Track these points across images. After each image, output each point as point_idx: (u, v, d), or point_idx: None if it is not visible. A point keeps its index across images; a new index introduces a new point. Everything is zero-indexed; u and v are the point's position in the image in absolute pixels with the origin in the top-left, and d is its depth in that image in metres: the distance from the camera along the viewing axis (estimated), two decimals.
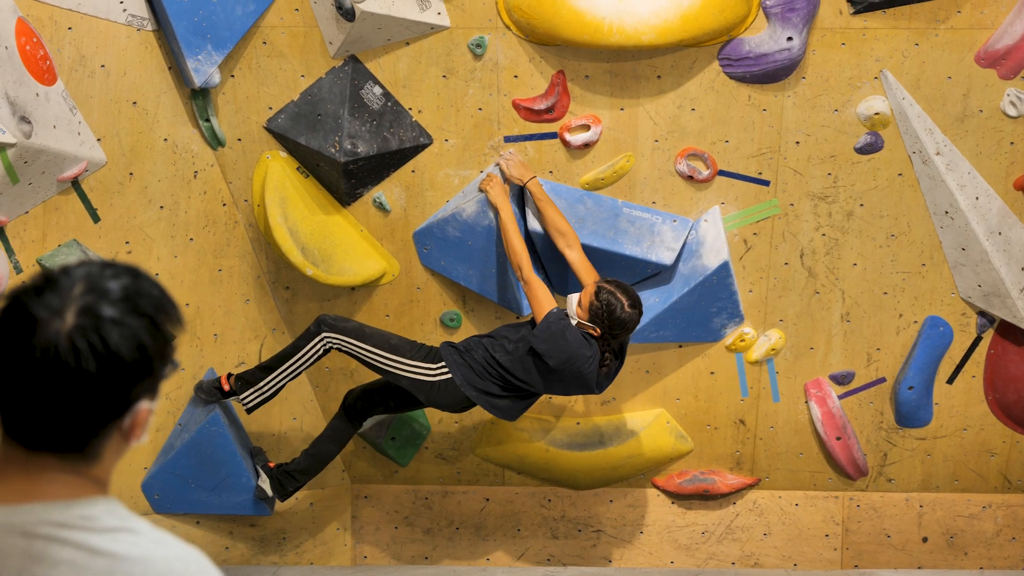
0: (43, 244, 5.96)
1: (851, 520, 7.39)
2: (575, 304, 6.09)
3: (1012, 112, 6.53)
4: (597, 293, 6.00)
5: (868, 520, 7.39)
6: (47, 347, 2.16)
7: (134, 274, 2.30)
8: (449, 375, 6.20)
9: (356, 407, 6.64)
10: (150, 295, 2.28)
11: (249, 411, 6.53)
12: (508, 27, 6.36)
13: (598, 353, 6.05)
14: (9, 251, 5.82)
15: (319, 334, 6.26)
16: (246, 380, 6.48)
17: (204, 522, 6.99)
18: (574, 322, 6.04)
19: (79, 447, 2.25)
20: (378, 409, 6.65)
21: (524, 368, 6.14)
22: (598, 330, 6.02)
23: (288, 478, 6.70)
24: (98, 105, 6.00)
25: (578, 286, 6.43)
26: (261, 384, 6.42)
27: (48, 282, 2.24)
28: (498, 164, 6.53)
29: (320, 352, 6.29)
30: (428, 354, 6.26)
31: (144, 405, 2.29)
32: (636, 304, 6.01)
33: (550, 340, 6.00)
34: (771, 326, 7.00)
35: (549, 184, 6.59)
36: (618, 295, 5.98)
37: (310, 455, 6.68)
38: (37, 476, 2.24)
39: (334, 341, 6.26)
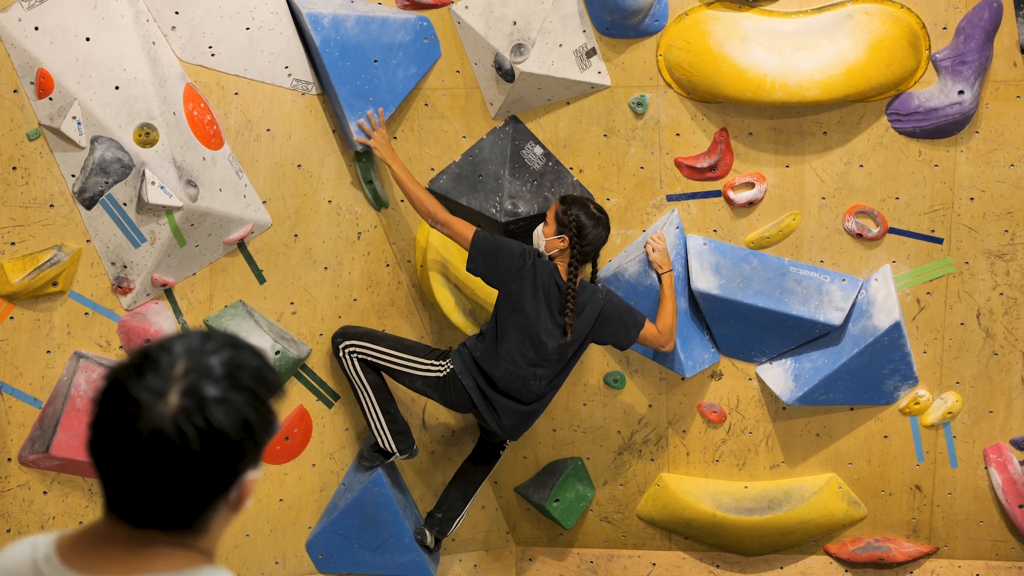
0: (210, 305, 6.08)
1: None
2: (539, 230, 6.18)
3: None
4: (561, 200, 6.11)
5: None
6: (153, 431, 2.16)
7: (234, 345, 2.30)
8: (453, 367, 6.23)
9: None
10: (250, 366, 2.28)
11: (399, 452, 6.54)
12: (669, 85, 6.29)
13: (535, 251, 6.12)
14: (177, 312, 5.95)
15: (338, 347, 6.36)
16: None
17: None
18: (542, 246, 6.12)
19: (187, 523, 2.25)
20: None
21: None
22: (566, 238, 6.06)
23: (438, 520, 6.77)
24: (264, 168, 6.11)
25: (750, 345, 6.57)
26: (370, 425, 6.50)
27: (147, 360, 2.23)
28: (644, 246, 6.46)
29: (358, 365, 6.34)
30: (440, 354, 6.33)
31: (250, 476, 2.29)
32: (601, 210, 6.13)
33: (479, 248, 6.08)
34: (947, 388, 6.75)
35: (713, 243, 6.49)
36: (581, 199, 6.12)
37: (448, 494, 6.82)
38: (143, 550, 2.25)
39: (353, 348, 6.32)
